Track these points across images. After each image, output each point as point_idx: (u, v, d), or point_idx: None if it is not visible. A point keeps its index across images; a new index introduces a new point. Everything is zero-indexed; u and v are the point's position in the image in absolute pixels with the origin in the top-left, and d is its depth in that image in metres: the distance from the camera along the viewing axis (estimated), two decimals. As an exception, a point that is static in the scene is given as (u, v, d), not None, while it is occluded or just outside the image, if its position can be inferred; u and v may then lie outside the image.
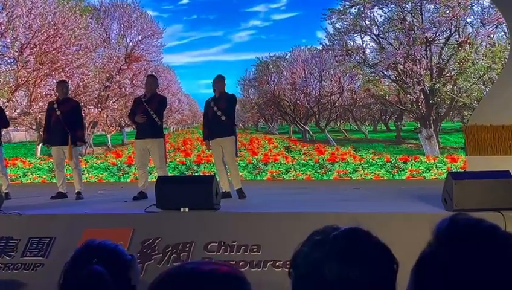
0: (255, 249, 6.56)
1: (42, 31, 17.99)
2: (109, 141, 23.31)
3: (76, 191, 9.81)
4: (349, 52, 19.33)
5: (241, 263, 6.45)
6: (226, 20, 26.82)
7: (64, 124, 9.64)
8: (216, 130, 9.30)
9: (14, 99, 17.77)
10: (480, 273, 1.30)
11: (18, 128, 22.67)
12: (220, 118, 9.19)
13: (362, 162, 14.55)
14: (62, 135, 9.64)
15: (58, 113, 9.68)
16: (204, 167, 14.80)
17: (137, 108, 9.69)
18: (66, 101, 9.90)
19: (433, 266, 1.36)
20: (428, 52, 17.53)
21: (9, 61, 17.91)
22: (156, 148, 9.45)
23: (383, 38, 18.64)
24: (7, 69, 17.80)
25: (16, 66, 17.79)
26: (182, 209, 7.30)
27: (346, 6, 19.00)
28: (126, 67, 21.32)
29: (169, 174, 13.35)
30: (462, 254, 1.32)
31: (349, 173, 13.99)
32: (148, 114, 9.41)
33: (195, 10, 27.09)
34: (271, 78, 24.25)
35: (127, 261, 1.91)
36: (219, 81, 9.43)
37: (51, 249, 6.91)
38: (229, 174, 9.31)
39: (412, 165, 13.99)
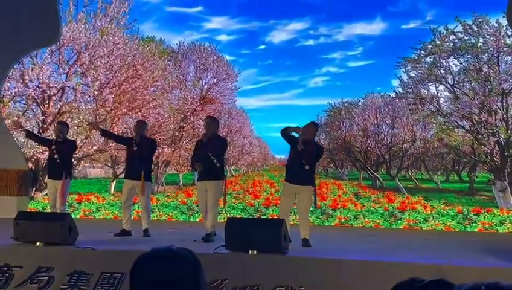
0: (322, 296, 6.54)
1: (122, 72, 18.53)
2: (181, 180, 23.66)
3: (144, 228, 9.99)
4: (423, 100, 19.18)
5: (307, 309, 6.45)
6: (300, 65, 27.19)
7: (139, 160, 9.93)
8: (296, 177, 9.15)
9: (92, 137, 18.27)
10: None
11: (94, 164, 23.26)
12: (303, 166, 9.04)
13: (433, 212, 14.33)
14: (136, 170, 9.92)
15: (135, 148, 9.99)
16: (273, 210, 14.80)
17: (198, 151, 9.86)
18: (144, 139, 10.18)
19: None
20: (504, 104, 17.23)
21: (89, 99, 18.48)
22: (213, 189, 9.52)
23: (458, 88, 18.44)
24: (86, 107, 18.36)
25: (95, 105, 18.34)
26: (250, 252, 7.34)
27: (422, 55, 18.92)
28: (200, 109, 21.72)
29: (238, 216, 13.47)
30: None
31: (420, 222, 13.77)
32: (207, 157, 9.53)
33: (270, 55, 27.59)
34: (342, 124, 24.27)
35: (193, 265, 1.96)
36: (310, 128, 9.33)
37: (121, 285, 7.04)
38: (297, 219, 9.18)
39: (484, 217, 13.69)
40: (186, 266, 1.89)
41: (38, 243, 8.02)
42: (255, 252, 7.31)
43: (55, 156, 10.26)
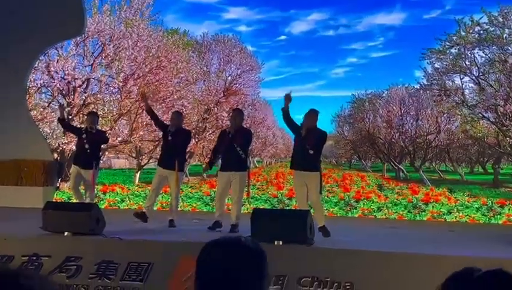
0: (348, 287, 6.54)
1: (146, 63, 18.64)
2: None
3: (170, 219, 10.05)
4: (448, 92, 19.08)
5: (333, 300, 6.47)
6: (322, 56, 27.35)
7: (173, 150, 10.01)
8: (302, 163, 9.28)
9: (116, 128, 18.42)
10: None
11: (119, 155, 23.44)
12: (307, 151, 9.14)
13: (457, 203, 14.26)
14: (170, 160, 9.99)
15: (170, 139, 10.06)
16: (296, 201, 14.81)
17: (222, 142, 9.90)
18: (179, 130, 10.25)
19: None
20: (530, 95, 17.11)
21: (113, 91, 18.63)
22: (238, 181, 9.56)
23: (483, 79, 18.32)
24: (111, 99, 18.52)
25: (119, 96, 18.47)
26: (275, 242, 7.36)
27: (446, 46, 18.83)
28: (224, 100, 21.80)
29: (261, 207, 13.49)
30: None
31: (444, 214, 13.69)
32: (233, 148, 9.57)
33: (292, 46, 27.71)
34: (366, 116, 24.17)
35: (259, 255, 1.98)
36: (311, 115, 9.44)
37: (148, 274, 7.11)
38: (312, 211, 9.18)
39: (509, 209, 13.60)
40: (252, 256, 1.93)
41: (66, 233, 8.11)
42: (280, 243, 7.33)
43: (86, 146, 10.39)
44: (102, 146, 12.54)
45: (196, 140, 20.69)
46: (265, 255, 1.96)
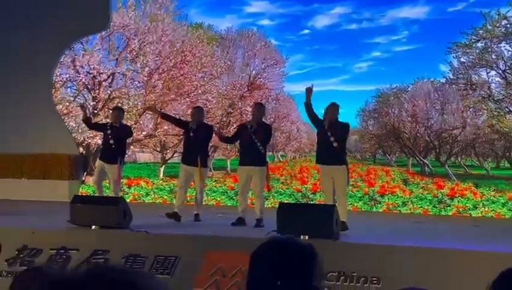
0: (374, 281, 6.54)
1: (171, 58, 18.70)
2: (228, 166, 23.77)
3: (195, 213, 10.08)
4: (474, 86, 18.93)
5: (360, 295, 6.46)
6: (345, 51, 27.11)
7: (195, 146, 10.02)
8: (327, 157, 9.23)
9: (141, 122, 18.49)
10: None
11: (143, 149, 23.54)
12: (332, 144, 9.08)
13: (483, 199, 14.13)
14: (193, 156, 10.00)
15: (192, 134, 10.06)
16: (320, 196, 14.76)
17: (240, 136, 9.93)
18: (200, 125, 10.24)
19: None
20: (557, 90, 16.92)
21: (138, 85, 18.72)
22: (258, 176, 9.57)
23: (509, 73, 18.13)
24: (136, 93, 18.60)
25: (144, 90, 18.55)
26: (301, 237, 7.34)
27: (473, 40, 18.66)
28: (248, 95, 21.78)
29: (287, 201, 13.46)
30: None
31: (469, 209, 13.58)
32: (254, 143, 9.56)
33: (316, 41, 27.53)
34: (391, 110, 23.98)
35: (310, 255, 1.99)
36: (333, 108, 9.39)
37: (175, 268, 7.15)
38: (337, 204, 9.12)
39: (536, 205, 13.46)
40: (304, 256, 1.94)
41: (93, 227, 8.20)
42: (306, 237, 7.32)
43: (111, 141, 10.42)
44: (127, 140, 12.58)
45: (220, 134, 20.69)
46: (317, 255, 1.98)
